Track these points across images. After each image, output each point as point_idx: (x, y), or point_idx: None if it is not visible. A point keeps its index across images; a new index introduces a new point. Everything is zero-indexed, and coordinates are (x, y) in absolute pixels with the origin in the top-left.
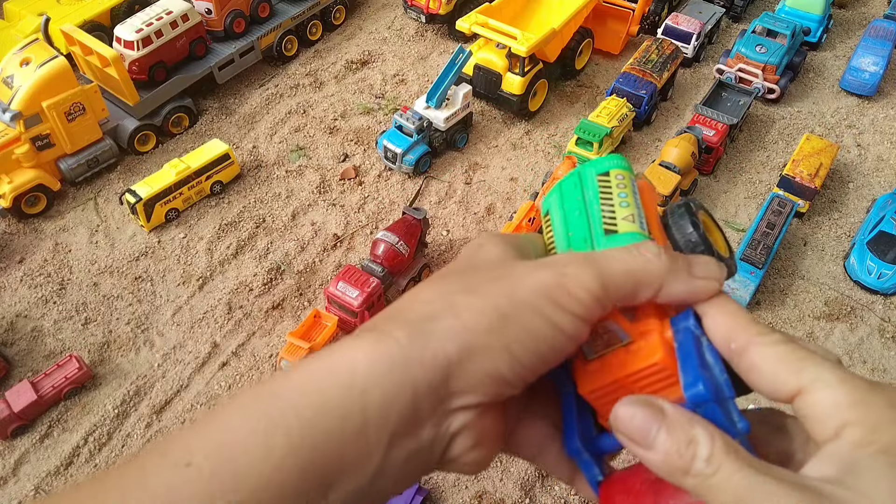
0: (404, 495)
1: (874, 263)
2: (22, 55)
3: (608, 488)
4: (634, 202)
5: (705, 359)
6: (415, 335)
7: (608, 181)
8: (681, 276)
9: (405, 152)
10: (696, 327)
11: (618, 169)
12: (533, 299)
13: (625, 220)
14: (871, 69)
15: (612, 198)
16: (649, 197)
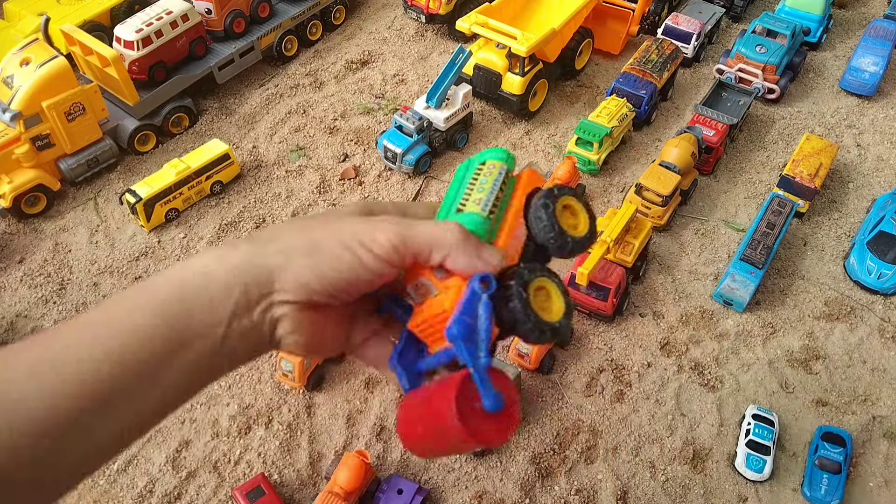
0: (404, 495)
1: (874, 263)
2: (22, 55)
3: (409, 394)
4: (490, 188)
5: (476, 310)
6: (254, 248)
7: (481, 170)
8: (467, 252)
9: (405, 152)
10: (481, 288)
11: (493, 160)
12: (347, 238)
13: (473, 202)
14: (871, 69)
15: (476, 184)
16: (525, 184)
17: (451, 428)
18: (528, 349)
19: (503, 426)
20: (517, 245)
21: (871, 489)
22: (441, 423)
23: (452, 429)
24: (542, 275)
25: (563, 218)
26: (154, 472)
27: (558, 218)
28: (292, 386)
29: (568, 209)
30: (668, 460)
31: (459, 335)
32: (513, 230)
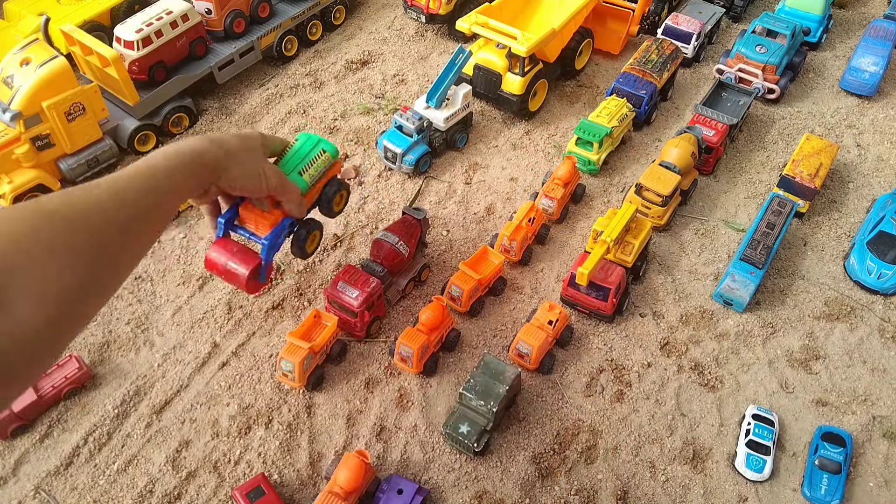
0: (404, 495)
1: (874, 263)
2: (22, 55)
3: (219, 241)
4: (319, 170)
5: (279, 234)
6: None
7: (320, 156)
8: (298, 207)
9: (405, 152)
10: (289, 225)
11: (329, 152)
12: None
13: (308, 175)
14: (871, 69)
15: (314, 163)
16: (334, 170)
17: (241, 283)
18: (528, 350)
19: (260, 286)
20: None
21: (871, 489)
22: (236, 278)
23: (241, 284)
24: (315, 229)
25: (336, 198)
26: (154, 472)
27: (332, 198)
28: (292, 386)
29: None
30: (668, 460)
31: (268, 241)
32: (314, 194)
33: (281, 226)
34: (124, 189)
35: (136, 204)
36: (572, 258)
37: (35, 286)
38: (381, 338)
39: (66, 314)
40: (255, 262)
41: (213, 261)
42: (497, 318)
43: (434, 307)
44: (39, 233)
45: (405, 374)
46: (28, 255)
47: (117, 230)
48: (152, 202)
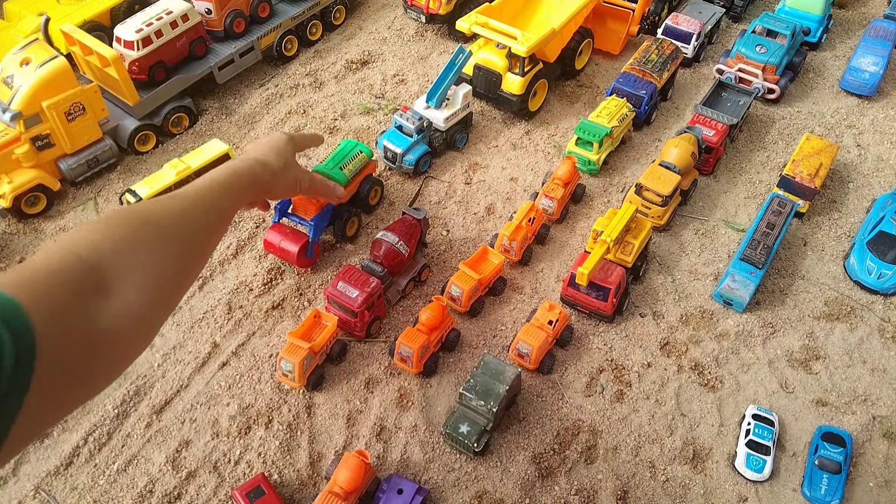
0: (404, 495)
1: (874, 263)
2: (22, 55)
3: (276, 225)
4: (356, 167)
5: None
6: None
7: (357, 155)
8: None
9: (405, 152)
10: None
11: (363, 153)
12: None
13: (347, 170)
14: (871, 69)
15: (352, 161)
16: (369, 169)
17: (292, 259)
18: (528, 350)
19: (309, 262)
20: (352, 192)
21: (871, 489)
22: (289, 255)
23: (292, 259)
24: (354, 216)
25: (371, 193)
26: (154, 472)
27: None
28: (292, 386)
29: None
30: (668, 460)
31: (314, 222)
32: (353, 189)
33: (325, 210)
34: (199, 200)
35: (207, 214)
36: (572, 258)
37: (139, 277)
38: (381, 338)
39: (162, 299)
40: (303, 240)
41: (270, 241)
42: (497, 318)
43: (434, 307)
44: (143, 233)
45: (405, 374)
46: (133, 253)
47: (196, 233)
48: (219, 213)
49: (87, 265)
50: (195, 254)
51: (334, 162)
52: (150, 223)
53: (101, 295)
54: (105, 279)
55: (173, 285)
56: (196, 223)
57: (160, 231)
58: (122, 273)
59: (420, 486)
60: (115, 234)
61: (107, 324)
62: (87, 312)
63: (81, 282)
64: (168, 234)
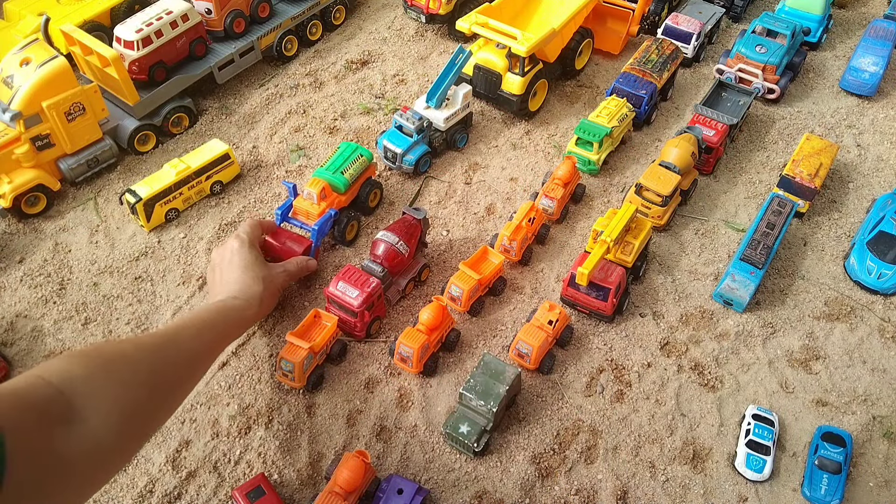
0: (404, 495)
1: (874, 263)
2: (22, 55)
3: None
4: (357, 170)
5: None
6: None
7: (358, 159)
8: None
9: (405, 152)
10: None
11: (364, 156)
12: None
13: (348, 174)
14: (871, 69)
15: (353, 165)
16: (369, 172)
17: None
18: (528, 350)
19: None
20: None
21: (871, 489)
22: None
23: None
24: (353, 220)
25: (371, 196)
26: (154, 472)
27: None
28: (292, 386)
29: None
30: (668, 460)
31: (317, 227)
32: (353, 192)
33: (327, 215)
34: (177, 339)
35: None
36: (572, 258)
37: (108, 407)
38: (381, 338)
39: (131, 430)
40: (305, 245)
41: (272, 244)
42: (497, 318)
43: (434, 307)
44: (114, 364)
45: (405, 374)
46: (104, 384)
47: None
48: (199, 349)
49: (55, 391)
50: (169, 389)
51: (335, 166)
52: (123, 356)
53: (68, 421)
54: (73, 406)
55: (144, 418)
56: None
57: (133, 364)
58: (90, 402)
59: (420, 486)
60: (87, 363)
61: (72, 448)
62: (52, 435)
63: (48, 405)
64: (141, 368)
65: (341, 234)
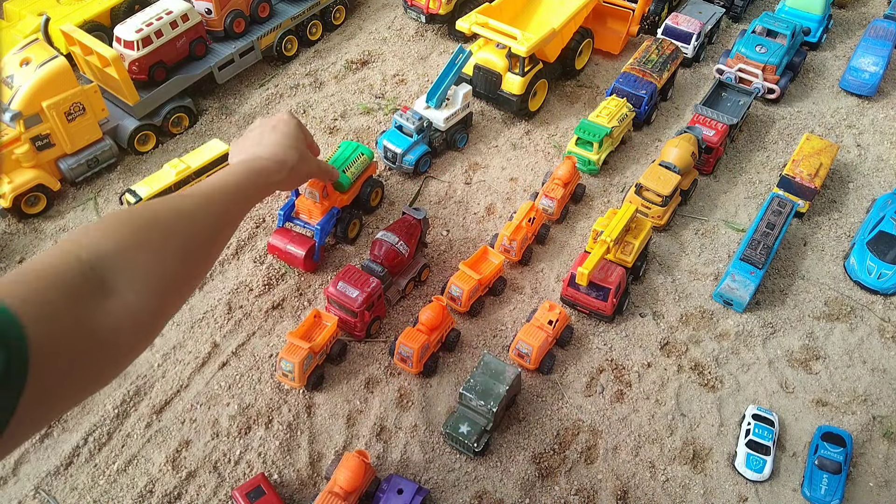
0: (404, 495)
1: (874, 263)
2: (22, 55)
3: (280, 229)
4: (359, 168)
5: (330, 221)
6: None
7: (359, 157)
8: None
9: (405, 152)
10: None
11: (365, 154)
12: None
13: (350, 172)
14: (871, 69)
15: (354, 163)
16: (370, 171)
17: (299, 262)
18: (528, 350)
19: (315, 265)
20: (354, 194)
21: (871, 489)
22: (295, 258)
23: (299, 263)
24: (355, 218)
25: (372, 194)
26: (154, 472)
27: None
28: (292, 386)
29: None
30: (668, 460)
31: (320, 226)
32: (355, 190)
33: (330, 213)
34: (209, 202)
35: (217, 213)
36: (572, 258)
37: (142, 277)
38: (381, 338)
39: (166, 300)
40: (309, 244)
41: (275, 245)
42: (497, 318)
43: (434, 307)
44: (147, 233)
45: (405, 374)
46: (137, 254)
47: (205, 232)
48: (229, 215)
49: (85, 266)
50: (202, 255)
51: (337, 164)
52: (156, 223)
53: (102, 295)
54: (106, 279)
55: (178, 286)
56: (205, 224)
57: (166, 232)
58: (124, 274)
59: (420, 486)
60: (118, 235)
61: (107, 324)
62: (84, 312)
63: (79, 282)
64: (174, 234)
65: (344, 232)
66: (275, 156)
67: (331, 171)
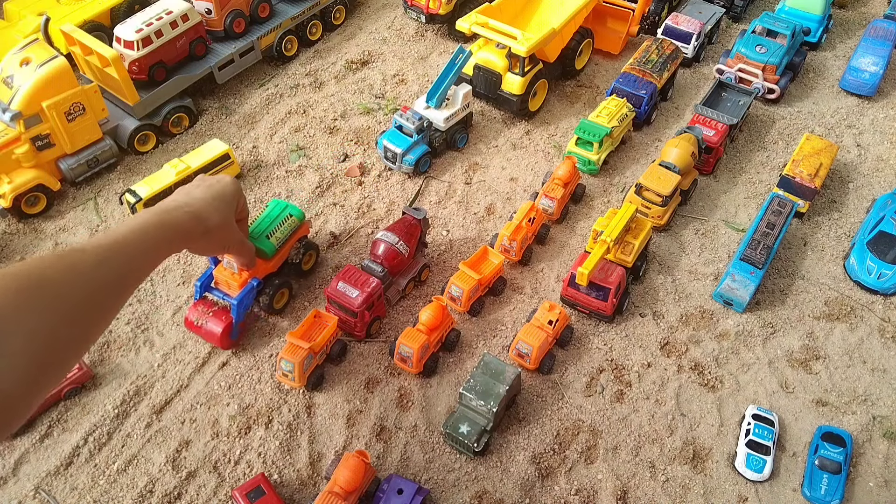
0: (404, 495)
1: (874, 263)
2: (22, 55)
3: (197, 302)
4: (285, 233)
5: (248, 294)
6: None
7: (287, 220)
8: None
9: (405, 152)
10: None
11: (294, 216)
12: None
13: (275, 238)
14: (871, 69)
15: (281, 227)
16: (301, 231)
17: (215, 341)
18: (528, 350)
19: (234, 343)
20: (282, 259)
21: (871, 489)
22: (212, 336)
23: (215, 341)
24: (283, 287)
25: (305, 257)
26: (154, 472)
27: (301, 257)
28: (292, 386)
29: (310, 254)
30: (668, 460)
31: (237, 301)
32: (284, 254)
33: (249, 286)
34: (110, 257)
35: (118, 271)
36: (572, 258)
37: (27, 341)
38: (381, 338)
39: (53, 360)
40: (227, 321)
41: (191, 321)
42: (497, 318)
43: (434, 307)
44: (33, 299)
45: (405, 374)
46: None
47: (100, 292)
48: (132, 269)
49: None
50: (95, 318)
51: (260, 229)
52: (43, 285)
53: None
54: None
55: (61, 355)
56: (102, 283)
57: (53, 294)
58: (8, 336)
59: (420, 486)
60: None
61: None
62: None
63: None
64: (63, 297)
65: (269, 303)
66: (196, 211)
67: (249, 257)
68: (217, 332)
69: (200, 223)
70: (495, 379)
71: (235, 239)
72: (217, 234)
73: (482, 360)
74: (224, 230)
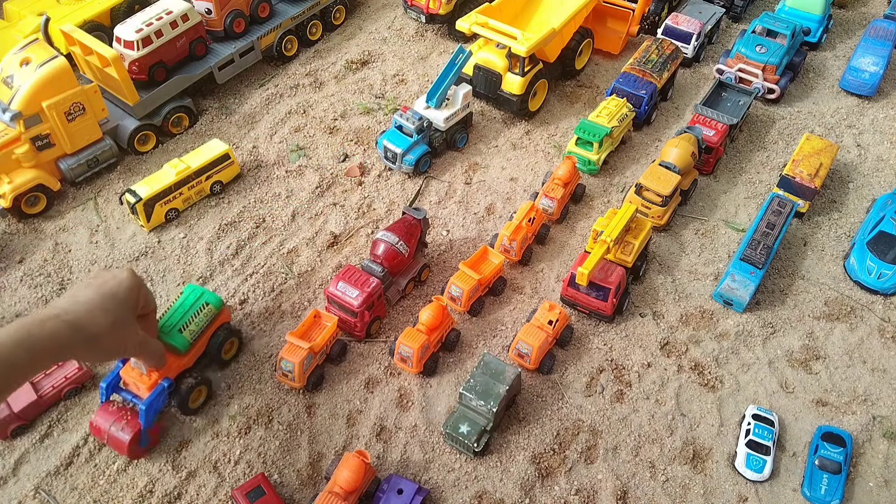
0: (404, 495)
1: (874, 263)
2: (22, 55)
3: (104, 405)
4: (200, 325)
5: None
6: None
7: (203, 308)
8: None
9: (405, 152)
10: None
11: (210, 304)
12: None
13: (188, 332)
14: (871, 69)
15: (196, 318)
16: (221, 319)
17: (123, 450)
18: (528, 350)
19: (143, 452)
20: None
21: (871, 489)
22: (119, 445)
23: (123, 450)
24: (199, 385)
25: (225, 346)
26: (154, 472)
27: (220, 347)
28: (292, 386)
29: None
30: (668, 460)
31: (145, 405)
32: (201, 346)
33: (160, 387)
34: None
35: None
36: (572, 258)
37: None
38: (381, 338)
39: None
40: (135, 429)
41: (98, 426)
42: (497, 318)
43: (434, 307)
44: None
45: (405, 374)
46: None
47: None
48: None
49: None
50: None
51: (172, 322)
52: None
53: None
54: None
55: None
56: None
57: None
58: None
59: (420, 486)
60: None
61: None
62: None
63: None
64: None
65: (182, 403)
66: (75, 320)
67: (156, 357)
68: (124, 440)
69: (80, 331)
70: (495, 379)
71: (133, 341)
72: (106, 339)
73: (482, 360)
74: (115, 333)
